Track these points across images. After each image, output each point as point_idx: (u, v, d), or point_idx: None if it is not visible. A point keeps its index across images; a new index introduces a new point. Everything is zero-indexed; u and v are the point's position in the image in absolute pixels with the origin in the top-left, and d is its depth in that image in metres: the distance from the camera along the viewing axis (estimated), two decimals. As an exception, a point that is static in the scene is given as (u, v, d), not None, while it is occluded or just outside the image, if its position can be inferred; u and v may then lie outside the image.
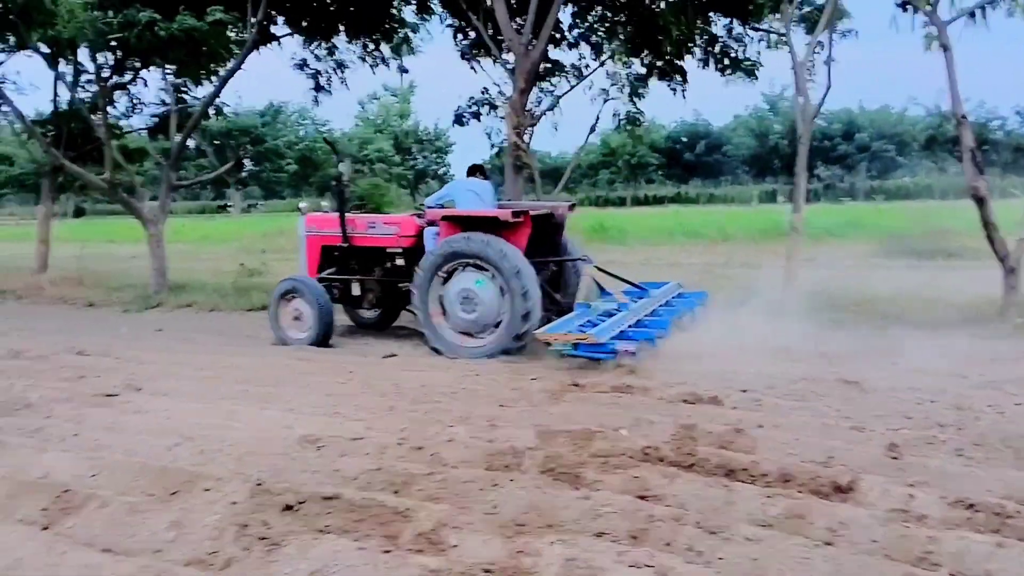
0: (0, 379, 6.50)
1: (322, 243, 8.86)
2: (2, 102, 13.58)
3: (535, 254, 8.00)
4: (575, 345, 6.62)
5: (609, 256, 18.37)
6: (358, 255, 8.79)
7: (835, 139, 58.40)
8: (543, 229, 8.34)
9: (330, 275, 8.81)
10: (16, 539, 3.29)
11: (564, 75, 11.99)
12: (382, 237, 8.58)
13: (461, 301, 7.53)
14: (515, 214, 7.58)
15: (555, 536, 3.38)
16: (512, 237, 7.58)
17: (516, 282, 7.24)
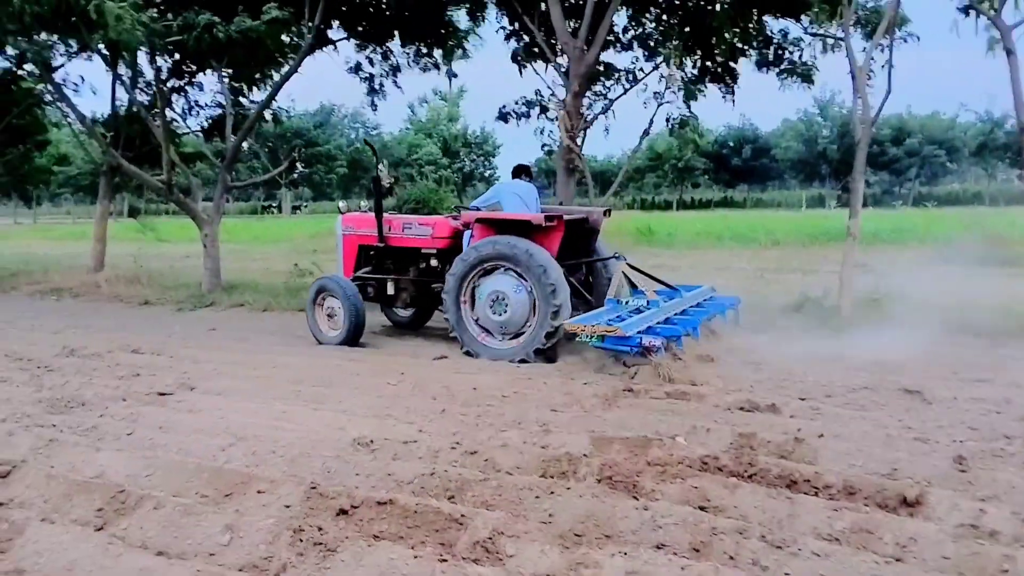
0: (55, 376, 6.62)
1: (359, 243, 9.02)
2: (63, 103, 13.91)
3: (569, 258, 8.12)
4: (601, 337, 6.64)
5: (658, 260, 18.23)
6: (393, 255, 8.92)
7: (884, 144, 57.29)
8: (578, 233, 8.41)
9: (365, 274, 8.94)
10: (70, 540, 3.28)
11: (617, 78, 11.87)
12: (417, 238, 8.69)
13: (491, 303, 7.60)
14: (548, 218, 7.64)
15: (614, 547, 3.28)
16: (544, 240, 7.63)
17: (544, 283, 7.28)
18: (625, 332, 6.50)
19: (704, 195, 70.04)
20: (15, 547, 3.28)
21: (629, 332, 6.52)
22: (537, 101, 11.98)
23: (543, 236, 7.69)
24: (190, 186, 14.25)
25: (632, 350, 6.62)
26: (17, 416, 5.31)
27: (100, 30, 9.57)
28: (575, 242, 8.39)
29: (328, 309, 8.49)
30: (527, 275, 7.42)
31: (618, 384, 6.21)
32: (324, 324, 8.56)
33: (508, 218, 7.95)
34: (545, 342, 7.34)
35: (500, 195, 8.68)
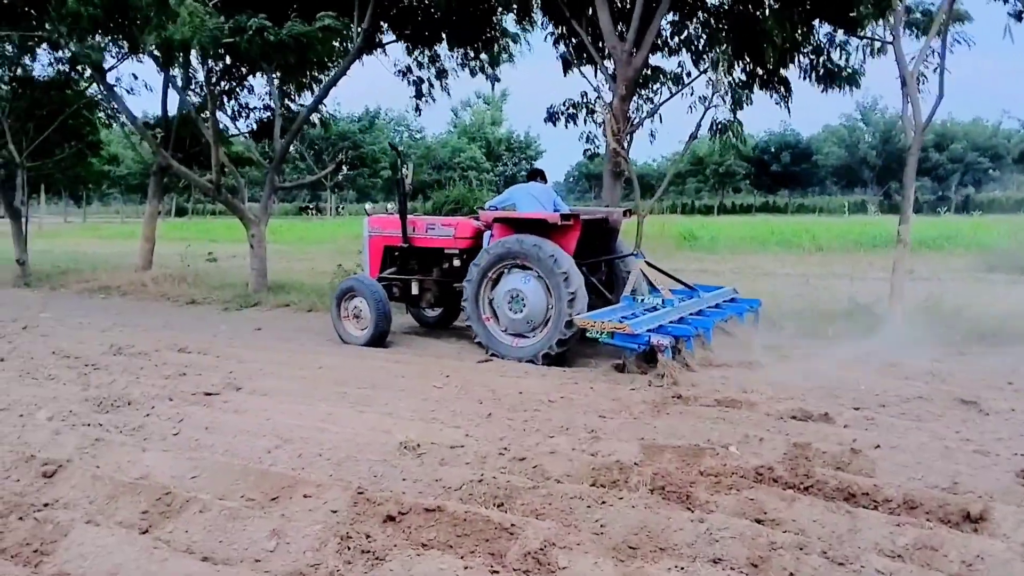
0: (103, 375, 6.68)
1: (384, 244, 9.17)
2: (115, 104, 14.16)
3: (590, 256, 8.26)
4: (611, 334, 6.73)
5: (701, 264, 18.06)
6: (417, 255, 9.07)
7: (928, 150, 56.39)
8: (598, 233, 8.52)
9: (391, 275, 9.09)
10: (115, 543, 3.24)
11: (664, 82, 11.70)
12: (440, 238, 8.81)
13: (509, 301, 7.71)
14: (563, 217, 7.74)
15: (670, 561, 3.17)
16: (561, 239, 7.72)
17: (560, 280, 7.35)
18: (634, 330, 6.55)
19: (745, 200, 69.44)
20: (60, 549, 3.26)
21: (638, 330, 6.56)
22: (583, 104, 11.85)
23: (560, 235, 7.76)
24: (238, 187, 14.40)
25: (640, 348, 6.64)
26: (64, 414, 5.36)
27: (163, 29, 9.65)
28: (595, 241, 8.47)
29: (354, 309, 8.61)
30: (543, 273, 7.50)
31: (667, 391, 6.08)
32: (350, 324, 8.68)
33: (525, 217, 8.05)
34: (562, 337, 7.37)
35: (515, 196, 8.75)
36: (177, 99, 15.19)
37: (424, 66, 14.05)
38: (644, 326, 6.69)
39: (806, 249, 21.30)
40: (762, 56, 10.78)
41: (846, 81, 11.08)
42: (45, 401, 5.68)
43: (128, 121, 14.30)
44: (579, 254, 7.92)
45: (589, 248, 8.31)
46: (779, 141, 66.31)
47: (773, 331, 8.85)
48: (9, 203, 16.53)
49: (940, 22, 9.23)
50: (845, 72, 11.01)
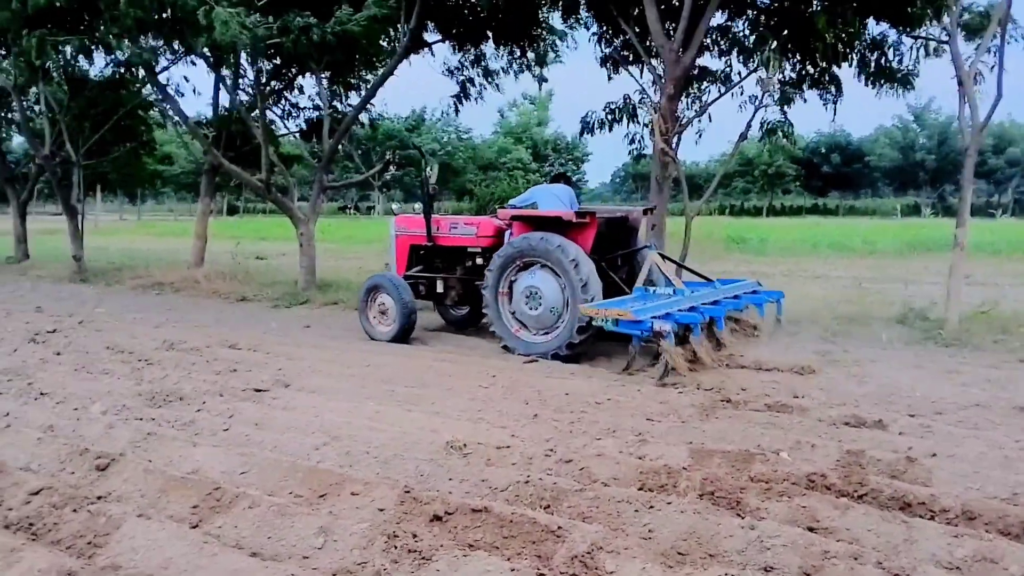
0: (155, 370, 6.81)
1: (410, 242, 9.35)
2: (168, 105, 14.45)
3: (608, 253, 8.40)
4: (616, 321, 6.75)
5: (750, 267, 17.79)
6: (441, 254, 9.25)
7: (985, 153, 54.85)
8: (618, 231, 8.65)
9: (417, 273, 9.29)
10: (166, 537, 3.28)
11: (713, 81, 11.52)
12: (463, 237, 8.97)
13: (526, 298, 7.83)
14: (579, 215, 7.81)
15: (720, 568, 3.11)
16: (578, 237, 7.81)
17: (575, 276, 7.43)
18: (636, 316, 6.59)
19: (794, 201, 68.33)
20: (112, 541, 3.32)
21: (641, 316, 6.59)
22: (627, 105, 11.71)
23: (577, 233, 7.84)
24: (288, 186, 14.59)
25: (643, 333, 6.66)
26: (117, 409, 5.47)
27: (205, 33, 9.85)
28: (616, 239, 8.61)
29: (380, 306, 8.80)
30: (559, 270, 7.59)
31: (715, 394, 5.99)
32: (376, 320, 8.87)
33: (541, 215, 8.15)
34: (577, 337, 7.43)
35: (537, 195, 8.89)
36: (228, 99, 15.47)
37: (468, 66, 14.07)
38: (648, 313, 6.69)
39: (858, 252, 20.94)
40: (813, 55, 10.55)
41: (900, 82, 10.78)
42: (99, 395, 5.81)
43: (180, 121, 14.59)
44: (602, 252, 8.12)
45: (610, 246, 8.43)
46: (830, 142, 65.08)
47: (825, 335, 8.68)
48: (66, 201, 16.99)
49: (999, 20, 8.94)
50: (899, 73, 10.71)
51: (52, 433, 4.85)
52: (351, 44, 10.69)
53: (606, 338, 7.45)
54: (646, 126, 11.27)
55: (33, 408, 5.47)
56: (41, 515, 3.60)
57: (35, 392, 5.95)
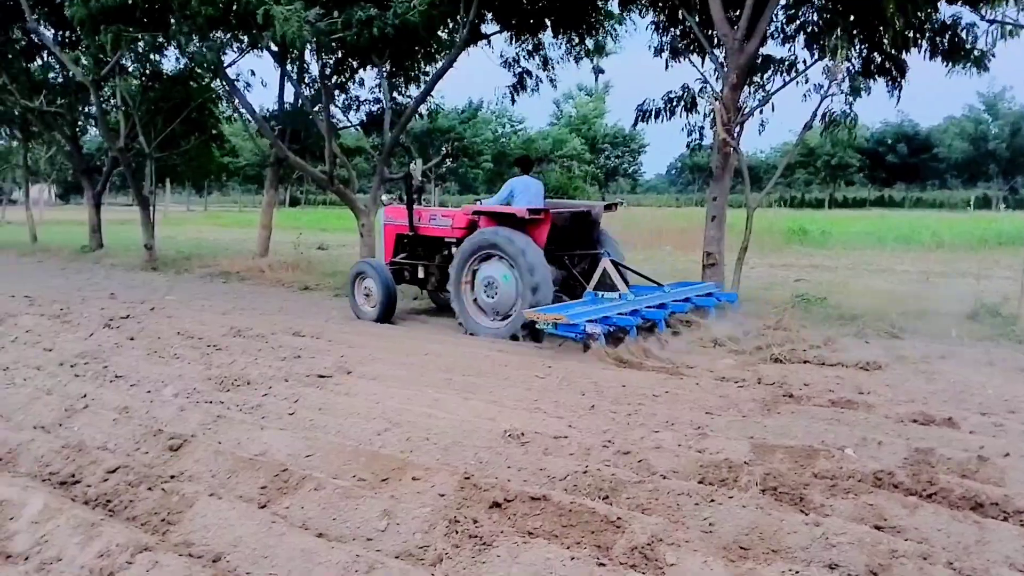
0: (223, 355, 7.00)
1: (396, 232, 10.07)
2: (236, 98, 14.80)
3: (573, 247, 9.12)
4: (555, 324, 7.28)
5: (812, 260, 17.46)
6: (423, 243, 9.90)
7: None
8: (581, 225, 9.27)
9: (402, 259, 10.04)
10: (236, 516, 3.38)
11: (777, 70, 11.25)
12: (440, 228, 9.62)
13: (485, 287, 8.53)
14: (531, 211, 8.44)
15: (784, 564, 3.07)
16: (533, 231, 8.46)
17: (527, 269, 8.06)
18: (571, 320, 7.15)
19: (858, 194, 66.45)
20: (184, 519, 3.43)
21: (575, 320, 7.15)
22: (686, 95, 11.52)
23: (532, 227, 8.48)
24: (350, 178, 14.83)
25: (577, 336, 7.21)
26: (188, 392, 5.66)
27: (269, 29, 10.07)
28: (578, 233, 9.22)
29: (365, 289, 9.63)
30: (513, 262, 8.20)
31: (777, 389, 5.90)
32: (363, 302, 9.70)
33: (502, 211, 8.77)
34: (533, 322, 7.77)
35: (514, 189, 9.30)
36: (292, 93, 15.77)
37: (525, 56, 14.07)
38: (584, 317, 7.24)
39: (926, 246, 20.34)
40: (880, 41, 10.24)
41: (974, 63, 10.36)
42: (171, 379, 6.01)
43: (248, 114, 14.92)
44: (559, 245, 8.82)
45: (570, 239, 9.09)
46: (896, 132, 63.02)
47: (891, 331, 8.48)
48: (139, 192, 17.55)
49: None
50: (973, 54, 10.28)
51: (127, 414, 5.04)
52: (411, 35, 10.79)
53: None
54: (707, 116, 11.10)
55: (109, 390, 5.68)
56: (118, 492, 3.75)
57: (110, 375, 6.19)
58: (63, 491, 3.86)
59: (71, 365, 6.48)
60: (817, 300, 10.02)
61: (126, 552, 3.02)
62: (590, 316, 7.29)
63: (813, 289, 11.21)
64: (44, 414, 5.06)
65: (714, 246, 10.19)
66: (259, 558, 3.09)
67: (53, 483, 3.96)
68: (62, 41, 17.37)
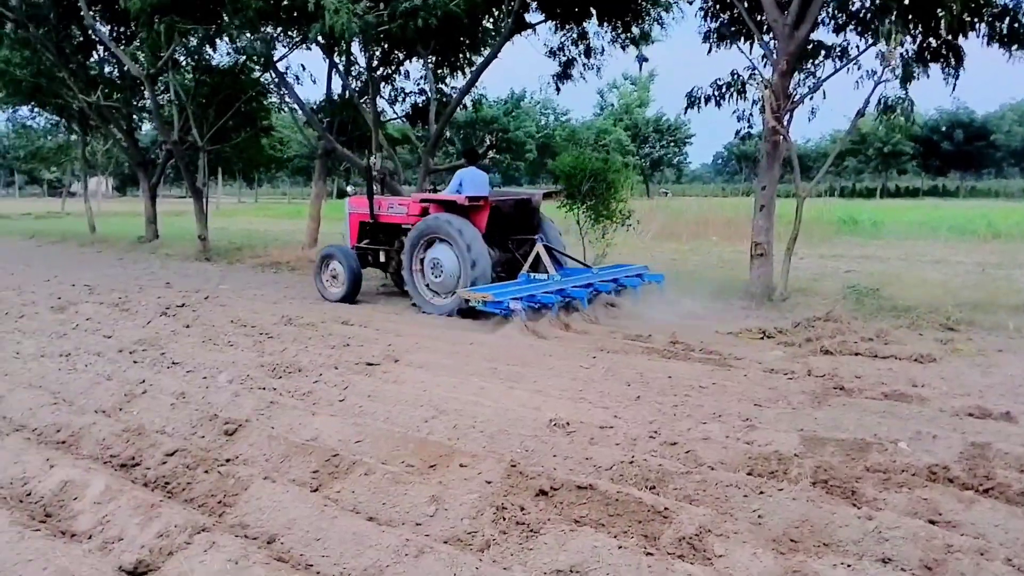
0: (275, 343, 7.14)
1: (359, 219, 10.81)
2: (285, 91, 15.02)
3: (515, 231, 9.94)
4: (484, 303, 8.12)
5: (864, 251, 17.09)
6: (383, 229, 10.61)
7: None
8: (522, 212, 10.01)
9: (365, 245, 10.79)
10: (289, 499, 3.46)
11: (828, 56, 11.00)
12: (397, 215, 10.34)
13: (432, 268, 9.32)
14: (470, 199, 9.20)
15: (835, 557, 3.04)
16: (474, 217, 9.25)
17: (467, 252, 8.85)
18: (497, 299, 8.03)
19: (910, 183, 64.64)
20: (240, 502, 3.52)
21: (500, 298, 8.03)
22: (735, 82, 11.32)
23: (473, 213, 9.28)
24: (396, 169, 14.97)
25: (502, 312, 7.98)
26: (242, 378, 5.78)
27: (318, 22, 10.20)
28: (519, 218, 9.99)
29: (332, 272, 10.33)
30: (455, 245, 8.96)
31: (828, 382, 5.81)
32: (330, 284, 10.40)
33: (445, 199, 9.55)
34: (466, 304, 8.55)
35: (463, 179, 9.89)
36: (339, 85, 15.93)
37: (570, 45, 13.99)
38: (509, 295, 8.10)
39: (981, 236, 19.78)
40: (936, 26, 9.94)
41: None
42: (225, 365, 6.15)
43: (297, 106, 15.12)
44: (503, 229, 9.66)
45: (513, 224, 9.89)
46: (951, 119, 61.12)
47: (946, 323, 8.28)
48: (192, 184, 17.92)
49: None
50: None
51: (184, 399, 5.18)
52: (455, 26, 10.83)
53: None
54: (756, 103, 10.92)
55: (166, 376, 5.85)
56: (176, 475, 3.86)
57: (167, 361, 6.36)
58: (124, 473, 4.00)
59: (130, 352, 6.68)
60: (869, 291, 9.82)
61: (184, 532, 3.12)
62: (515, 295, 8.15)
63: (864, 280, 10.98)
64: (105, 399, 5.23)
65: (762, 236, 10.05)
66: (312, 540, 3.16)
67: (114, 465, 4.10)
68: (117, 36, 17.80)
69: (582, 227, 11.86)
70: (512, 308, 7.90)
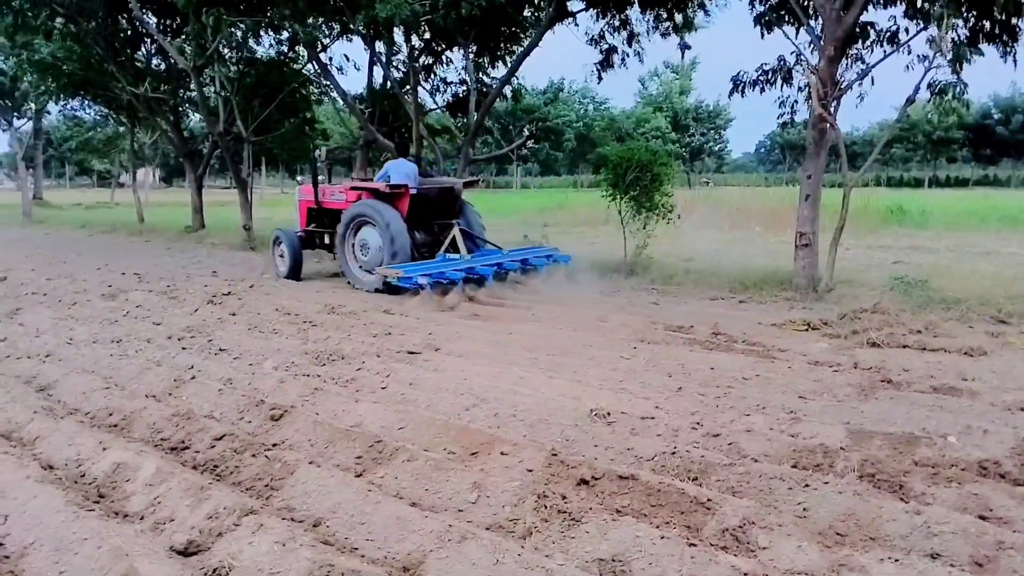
0: (319, 331, 7.23)
1: (307, 205, 11.84)
2: (328, 82, 15.15)
3: (440, 217, 10.99)
4: (397, 279, 9.14)
5: (911, 241, 16.73)
6: (326, 214, 11.55)
7: None
8: (446, 199, 11.07)
9: (311, 229, 11.78)
10: (334, 484, 3.51)
11: (877, 41, 10.72)
12: (337, 201, 11.29)
13: (360, 247, 10.38)
14: (390, 187, 10.23)
15: (882, 552, 2.99)
16: (398, 203, 10.31)
17: (387, 232, 9.82)
18: (407, 275, 9.05)
19: (960, 172, 62.88)
20: (286, 486, 3.59)
21: (410, 275, 9.04)
22: (780, 68, 11.09)
23: (397, 199, 10.32)
24: (436, 159, 15.03)
25: (411, 286, 8.96)
26: (287, 365, 5.89)
27: (363, 11, 10.28)
28: (443, 205, 11.04)
29: (280, 251, 11.61)
30: (377, 227, 9.96)
31: (875, 375, 5.70)
32: (279, 262, 11.64)
33: (371, 187, 10.56)
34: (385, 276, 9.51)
35: (390, 169, 10.91)
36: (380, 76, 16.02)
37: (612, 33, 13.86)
38: (418, 272, 9.09)
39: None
40: (990, 7, 9.64)
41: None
42: (271, 352, 6.26)
43: (339, 97, 15.24)
44: (428, 214, 10.82)
45: (436, 210, 10.96)
46: (1006, 105, 59.25)
47: (997, 315, 8.07)
48: (237, 174, 18.19)
49: None
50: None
51: (231, 385, 5.28)
52: (497, 15, 10.81)
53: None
54: (801, 90, 10.70)
55: (214, 362, 5.97)
56: (224, 458, 3.95)
57: (215, 348, 6.49)
58: (174, 456, 4.09)
59: (178, 338, 6.84)
60: (917, 283, 9.60)
61: (233, 515, 3.18)
62: (425, 271, 9.16)
63: (912, 271, 10.74)
64: (155, 384, 5.35)
65: (807, 226, 9.87)
66: (356, 524, 3.21)
67: (164, 448, 4.20)
68: (164, 29, 18.11)
69: (623, 217, 11.78)
70: (420, 283, 8.90)
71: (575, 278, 10.68)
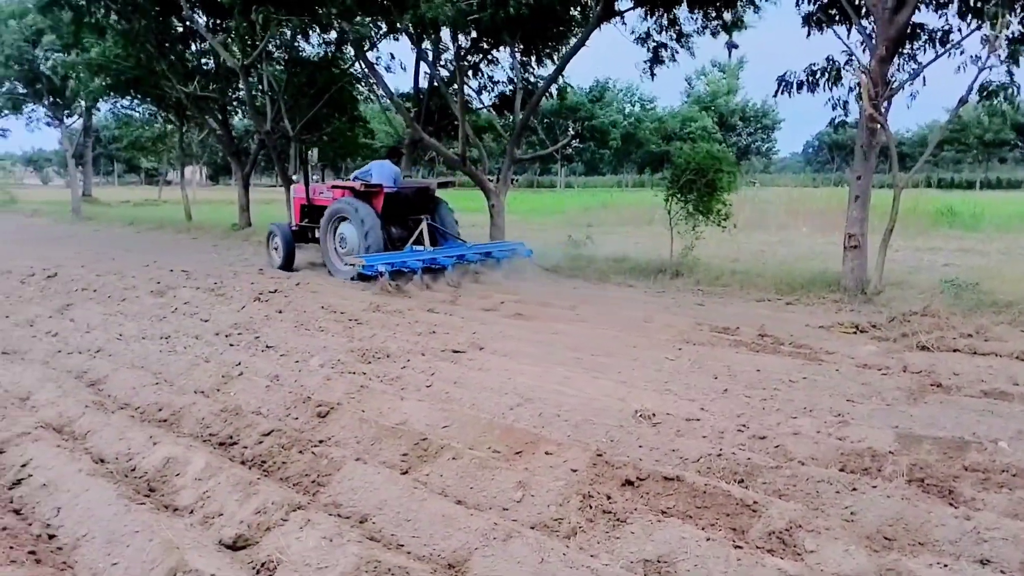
0: (365, 329, 7.31)
1: (300, 202, 12.96)
2: (375, 81, 15.29)
3: (414, 213, 11.89)
4: (361, 267, 10.11)
5: (961, 243, 16.35)
6: (316, 211, 12.42)
7: None
8: (422, 198, 12.10)
9: (304, 224, 12.81)
10: (380, 481, 3.56)
11: (929, 41, 10.48)
12: (325, 199, 12.28)
13: (340, 240, 11.37)
14: (366, 186, 11.20)
15: (931, 557, 2.96)
16: (374, 201, 11.22)
17: (361, 227, 10.82)
18: (367, 263, 10.07)
19: (1012, 174, 61.16)
20: (333, 482, 3.64)
21: (371, 263, 10.06)
22: (830, 67, 10.90)
23: (373, 197, 11.22)
24: (481, 158, 15.07)
25: (372, 273, 9.98)
26: (333, 363, 5.96)
27: (411, 10, 10.37)
28: (418, 202, 12.02)
29: (274, 245, 12.60)
30: (354, 222, 10.90)
31: (924, 378, 5.60)
32: (274, 254, 12.62)
33: (349, 186, 11.53)
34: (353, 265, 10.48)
35: (373, 168, 11.98)
36: (427, 75, 16.13)
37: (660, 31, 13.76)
38: (375, 262, 10.06)
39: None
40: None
41: None
42: (317, 350, 6.34)
43: (386, 95, 15.37)
44: (405, 211, 11.80)
45: (412, 207, 11.92)
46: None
47: None
48: (283, 172, 18.45)
49: None
50: None
51: (278, 382, 5.38)
52: (545, 14, 10.81)
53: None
54: (852, 90, 10.52)
55: (261, 359, 6.08)
56: (272, 454, 4.03)
57: (262, 345, 6.61)
58: (222, 451, 4.18)
59: (226, 335, 6.97)
60: (968, 286, 9.38)
61: (281, 510, 3.24)
62: (386, 261, 10.16)
63: (963, 274, 10.49)
64: (203, 380, 5.47)
65: (856, 228, 9.72)
66: (402, 521, 3.25)
67: (213, 444, 4.29)
68: (213, 28, 18.45)
69: (672, 218, 11.70)
70: (380, 271, 9.93)
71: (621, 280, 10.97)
